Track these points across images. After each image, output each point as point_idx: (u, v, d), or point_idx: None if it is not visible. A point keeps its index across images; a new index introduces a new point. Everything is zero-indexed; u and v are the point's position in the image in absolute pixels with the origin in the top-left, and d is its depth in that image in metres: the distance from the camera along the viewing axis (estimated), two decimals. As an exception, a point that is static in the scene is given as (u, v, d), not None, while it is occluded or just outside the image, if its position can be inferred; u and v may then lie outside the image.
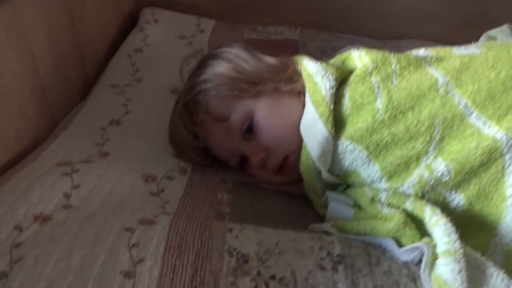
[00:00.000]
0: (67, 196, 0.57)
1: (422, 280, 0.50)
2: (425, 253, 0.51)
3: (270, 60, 0.70)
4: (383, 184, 0.60)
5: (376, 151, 0.59)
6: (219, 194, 0.67)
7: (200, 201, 0.64)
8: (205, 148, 0.71)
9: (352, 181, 0.63)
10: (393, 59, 0.63)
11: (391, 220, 0.56)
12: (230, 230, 0.56)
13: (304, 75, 0.66)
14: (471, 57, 0.62)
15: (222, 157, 0.71)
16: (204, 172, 0.71)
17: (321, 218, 0.65)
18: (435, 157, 0.57)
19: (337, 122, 0.61)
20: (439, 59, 0.63)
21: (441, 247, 0.50)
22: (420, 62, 0.63)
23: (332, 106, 0.60)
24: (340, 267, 0.52)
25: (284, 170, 0.67)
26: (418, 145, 0.58)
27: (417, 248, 0.53)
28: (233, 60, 0.68)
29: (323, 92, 0.61)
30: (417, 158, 0.58)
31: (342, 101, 0.61)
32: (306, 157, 0.62)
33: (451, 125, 0.57)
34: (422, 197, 0.58)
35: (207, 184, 0.69)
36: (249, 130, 0.66)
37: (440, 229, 0.52)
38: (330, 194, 0.63)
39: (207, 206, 0.63)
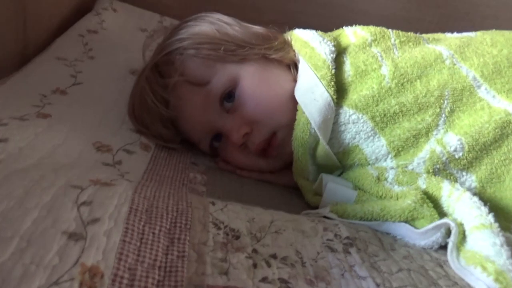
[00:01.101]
0: (-13, 147, 0.41)
1: (451, 263, 0.41)
2: (453, 232, 0.42)
3: (257, 28, 0.62)
4: (390, 162, 0.52)
5: (383, 122, 0.52)
6: (191, 174, 0.54)
7: (168, 178, 0.51)
8: (174, 122, 0.58)
9: (352, 161, 0.54)
10: (392, 33, 0.59)
11: (405, 198, 0.47)
12: (213, 203, 0.43)
13: (297, 44, 0.59)
14: (468, 38, 0.59)
15: (193, 135, 0.59)
16: (171, 152, 0.59)
17: (312, 208, 0.54)
18: (446, 131, 0.51)
19: (338, 91, 0.53)
20: (437, 39, 0.60)
21: (472, 222, 0.42)
22: (419, 39, 0.59)
23: (333, 71, 0.53)
24: (353, 250, 0.42)
25: (270, 151, 0.57)
26: (428, 117, 0.51)
27: (439, 227, 0.44)
28: (216, 23, 0.59)
29: (323, 55, 0.54)
30: (427, 132, 0.51)
31: (343, 68, 0.54)
32: (301, 129, 0.53)
33: (461, 97, 0.52)
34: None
35: (174, 164, 0.56)
36: (230, 96, 0.56)
37: (466, 204, 0.44)
38: (326, 176, 0.54)
39: (178, 183, 0.50)
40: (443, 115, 0.52)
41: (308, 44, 0.57)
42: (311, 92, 0.52)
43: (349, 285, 0.36)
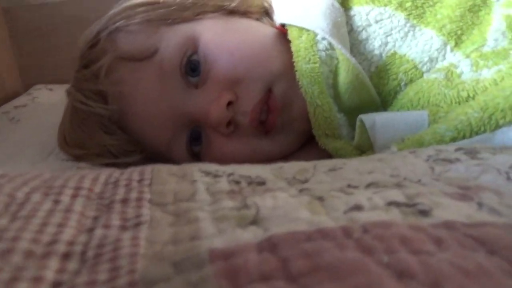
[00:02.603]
0: None
1: None
2: None
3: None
4: (452, 57, 0.34)
5: (417, 7, 0.34)
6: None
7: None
8: (122, 126, 0.39)
9: (395, 81, 0.34)
10: None
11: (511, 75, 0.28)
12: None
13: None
14: None
15: (156, 135, 0.38)
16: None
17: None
18: (509, -9, 0.35)
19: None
20: None
21: None
22: None
23: (320, -29, 0.37)
24: (486, 155, 0.21)
25: (271, 119, 0.37)
26: (475, -18, 0.35)
27: None
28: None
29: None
30: (484, 0, 0.34)
31: (329, -28, 0.38)
32: (305, 58, 0.34)
33: None
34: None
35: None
36: (194, 69, 0.38)
37: None
38: (367, 116, 0.34)
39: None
40: (493, -25, 0.35)
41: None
42: (300, 3, 0.36)
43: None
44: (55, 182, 0.15)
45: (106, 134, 0.38)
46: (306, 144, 0.40)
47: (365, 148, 0.34)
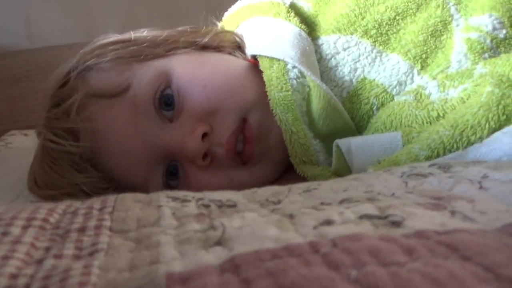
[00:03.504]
0: None
1: None
2: None
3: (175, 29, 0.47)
4: (420, 79, 0.34)
5: (382, 35, 0.35)
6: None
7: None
8: (95, 164, 0.38)
9: (367, 105, 0.35)
10: None
11: (477, 93, 0.29)
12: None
13: (231, 21, 0.45)
14: None
15: (131, 172, 0.37)
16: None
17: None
18: (466, 18, 0.36)
19: (305, 25, 0.37)
20: None
21: None
22: None
23: (287, 4, 0.38)
24: (458, 168, 0.21)
25: (248, 149, 0.36)
26: (433, 11, 0.36)
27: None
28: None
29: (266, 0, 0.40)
30: (445, 26, 0.36)
31: (298, 6, 0.40)
32: (277, 86, 0.34)
33: None
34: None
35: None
36: (169, 104, 0.37)
37: None
38: (343, 141, 0.34)
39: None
40: (450, 3, 0.37)
41: (243, 7, 0.43)
42: (269, 35, 0.36)
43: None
44: (6, 214, 0.14)
45: (78, 172, 0.36)
46: (285, 174, 0.40)
47: (344, 173, 0.34)
